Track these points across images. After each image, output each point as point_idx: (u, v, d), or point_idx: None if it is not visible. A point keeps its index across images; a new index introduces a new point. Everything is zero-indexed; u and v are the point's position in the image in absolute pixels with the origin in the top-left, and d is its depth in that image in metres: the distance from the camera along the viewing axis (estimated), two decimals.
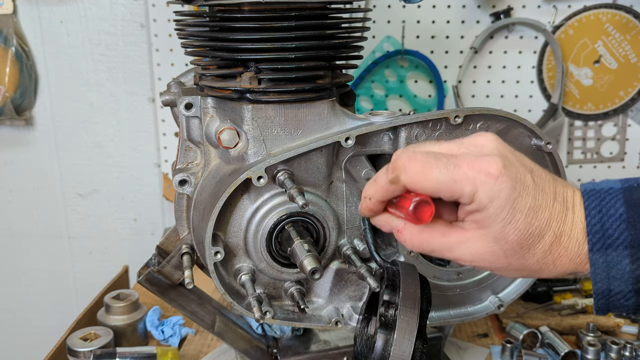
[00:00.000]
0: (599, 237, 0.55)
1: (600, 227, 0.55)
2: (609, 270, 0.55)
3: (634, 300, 0.56)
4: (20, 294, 1.82)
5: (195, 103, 0.83)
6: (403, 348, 0.68)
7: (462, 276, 0.92)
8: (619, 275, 0.55)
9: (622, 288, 0.55)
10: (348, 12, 0.85)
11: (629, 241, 0.54)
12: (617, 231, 0.54)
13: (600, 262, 0.55)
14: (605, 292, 0.56)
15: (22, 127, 1.65)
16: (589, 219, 0.55)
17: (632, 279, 0.55)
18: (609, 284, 0.56)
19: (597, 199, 0.56)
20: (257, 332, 1.01)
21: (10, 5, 1.54)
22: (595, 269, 0.56)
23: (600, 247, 0.55)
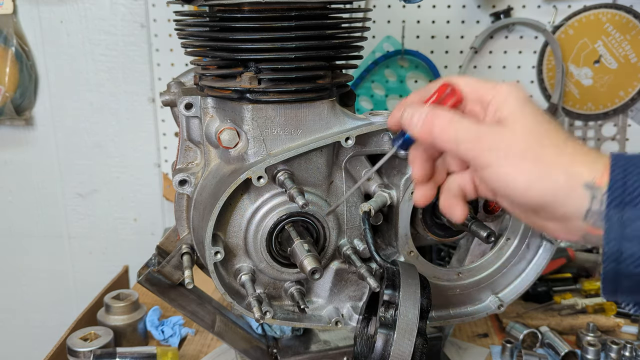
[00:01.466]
0: (619, 193, 0.53)
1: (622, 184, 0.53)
2: (624, 228, 0.53)
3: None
4: (20, 294, 1.82)
5: (195, 103, 0.83)
6: (403, 348, 0.68)
7: (462, 276, 0.92)
8: (633, 235, 0.52)
9: (634, 250, 0.53)
10: (348, 12, 0.85)
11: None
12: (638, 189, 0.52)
13: (616, 219, 0.53)
14: (616, 254, 0.53)
15: (22, 127, 1.65)
16: (612, 175, 0.53)
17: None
18: (621, 244, 0.53)
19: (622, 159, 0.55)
20: (257, 332, 1.01)
21: (10, 5, 1.54)
22: (609, 226, 0.53)
23: (618, 203, 0.53)
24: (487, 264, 0.93)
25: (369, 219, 0.80)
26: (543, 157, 0.56)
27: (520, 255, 0.92)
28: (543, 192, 0.57)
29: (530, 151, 0.57)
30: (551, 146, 0.57)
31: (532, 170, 0.57)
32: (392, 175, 0.85)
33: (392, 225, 0.86)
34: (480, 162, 0.59)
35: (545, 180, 0.56)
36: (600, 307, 1.26)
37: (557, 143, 0.57)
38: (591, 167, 0.55)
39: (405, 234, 0.85)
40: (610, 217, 0.53)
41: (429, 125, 0.61)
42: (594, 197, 0.55)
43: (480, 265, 0.93)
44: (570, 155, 0.56)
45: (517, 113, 0.59)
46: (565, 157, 0.56)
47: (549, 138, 0.57)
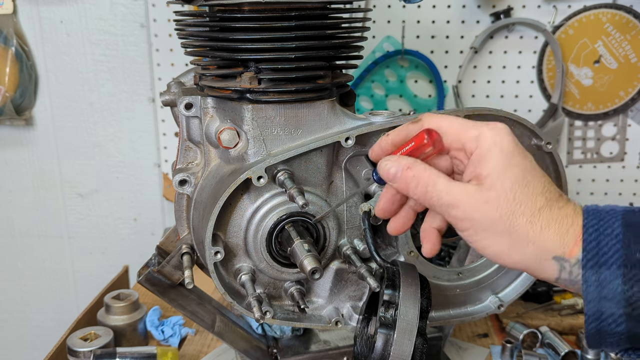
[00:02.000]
0: (593, 254, 0.54)
1: (596, 245, 0.55)
2: (601, 289, 0.54)
3: (624, 327, 0.54)
4: (20, 293, 1.82)
5: (195, 103, 0.83)
6: (403, 348, 0.68)
7: (462, 276, 0.92)
8: (611, 296, 0.54)
9: (613, 311, 0.54)
10: (348, 12, 0.85)
11: (622, 260, 0.53)
12: (611, 250, 0.54)
13: (593, 280, 0.54)
14: (597, 315, 0.55)
15: (22, 127, 1.65)
16: (586, 236, 0.55)
17: (624, 301, 0.54)
18: (600, 305, 0.55)
19: (596, 217, 0.56)
20: (257, 332, 1.01)
21: (10, 5, 1.54)
22: (587, 287, 0.55)
23: (593, 265, 0.54)
24: (487, 264, 0.93)
25: (369, 219, 0.80)
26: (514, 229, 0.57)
27: None
28: (514, 262, 0.59)
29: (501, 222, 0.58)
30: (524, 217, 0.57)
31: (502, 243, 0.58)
32: None
33: None
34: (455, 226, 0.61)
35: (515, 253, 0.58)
36: None
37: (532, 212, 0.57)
38: (562, 239, 0.56)
39: (405, 234, 0.85)
40: (587, 279, 0.55)
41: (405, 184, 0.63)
42: (562, 268, 0.57)
43: (480, 265, 0.93)
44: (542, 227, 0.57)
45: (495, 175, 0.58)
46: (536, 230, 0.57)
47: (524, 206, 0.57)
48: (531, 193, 0.58)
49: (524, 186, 0.58)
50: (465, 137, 0.61)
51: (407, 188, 0.63)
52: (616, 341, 0.56)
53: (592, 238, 0.55)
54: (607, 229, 0.55)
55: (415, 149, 0.63)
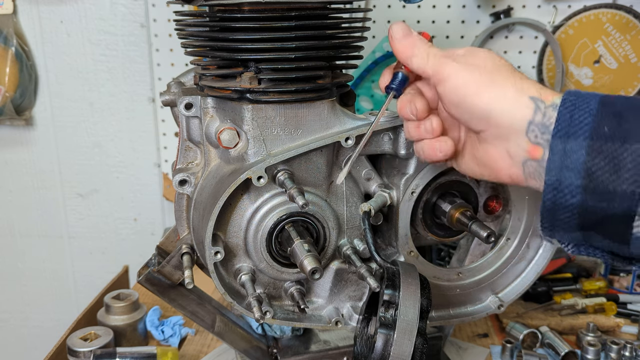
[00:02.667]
0: (564, 125, 0.56)
1: (569, 117, 0.56)
2: (565, 159, 0.56)
3: (579, 198, 0.55)
4: (20, 294, 1.82)
5: (195, 103, 0.83)
6: (403, 348, 0.68)
7: (462, 276, 0.92)
8: (572, 165, 0.55)
9: (572, 181, 0.55)
10: (348, 12, 0.85)
11: (590, 132, 0.55)
12: (582, 122, 0.55)
13: (559, 149, 0.56)
14: (555, 184, 0.56)
15: (22, 127, 1.65)
16: (561, 109, 0.57)
17: (583, 171, 0.55)
18: (561, 174, 0.56)
19: (575, 95, 0.58)
20: (257, 332, 1.01)
21: (10, 5, 1.54)
22: (552, 155, 0.56)
23: (562, 135, 0.56)
24: (487, 264, 0.93)
25: (369, 219, 0.80)
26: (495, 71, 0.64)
27: (520, 255, 0.92)
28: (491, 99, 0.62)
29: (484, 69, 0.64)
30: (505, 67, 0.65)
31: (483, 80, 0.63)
32: (392, 175, 0.85)
33: (392, 225, 0.86)
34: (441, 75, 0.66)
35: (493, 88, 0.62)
36: (600, 307, 1.26)
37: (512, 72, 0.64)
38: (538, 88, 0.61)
39: (405, 234, 0.85)
40: (553, 147, 0.56)
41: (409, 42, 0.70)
42: (537, 108, 0.59)
43: (480, 265, 0.93)
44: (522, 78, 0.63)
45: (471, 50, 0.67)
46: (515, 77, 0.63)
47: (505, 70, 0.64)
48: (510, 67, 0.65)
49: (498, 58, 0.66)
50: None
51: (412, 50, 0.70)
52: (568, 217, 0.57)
53: (567, 111, 0.57)
54: (582, 104, 0.57)
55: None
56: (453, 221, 0.82)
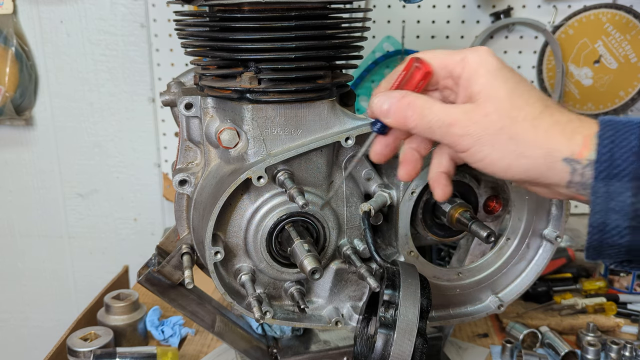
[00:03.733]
0: (606, 166, 0.53)
1: (610, 157, 0.53)
2: (609, 201, 0.53)
3: (627, 239, 0.54)
4: (20, 294, 1.82)
5: (195, 103, 0.83)
6: (403, 348, 0.68)
7: (462, 276, 0.92)
8: (619, 208, 0.53)
9: (619, 223, 0.54)
10: (348, 12, 0.85)
11: (634, 173, 0.52)
12: (625, 162, 0.53)
13: (602, 192, 0.54)
14: (601, 227, 0.54)
15: (22, 127, 1.65)
16: (600, 148, 0.54)
17: (631, 213, 0.53)
18: (607, 216, 0.54)
19: (612, 129, 0.54)
20: (257, 332, 1.01)
21: (10, 5, 1.54)
22: (595, 198, 0.54)
23: (605, 177, 0.53)
24: (487, 264, 0.93)
25: (369, 219, 0.80)
26: (518, 135, 0.56)
27: (520, 255, 0.92)
28: (523, 170, 0.57)
29: (504, 131, 0.57)
30: (526, 122, 0.56)
31: (508, 152, 0.57)
32: (392, 175, 0.85)
33: (392, 225, 0.86)
34: (457, 147, 0.60)
35: (523, 159, 0.57)
36: (600, 307, 1.26)
37: (533, 116, 0.56)
38: (570, 140, 0.55)
39: (405, 234, 0.85)
40: (596, 190, 0.54)
41: (401, 115, 0.62)
42: (574, 170, 0.55)
43: (480, 265, 0.93)
44: (547, 130, 0.56)
45: (488, 88, 0.58)
46: (541, 133, 0.56)
47: (524, 112, 0.57)
48: (527, 99, 0.57)
49: (518, 95, 0.57)
50: (451, 63, 0.61)
51: (404, 119, 0.62)
52: (615, 253, 0.56)
53: (607, 150, 0.53)
54: (622, 141, 0.53)
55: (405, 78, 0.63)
56: (453, 221, 0.82)
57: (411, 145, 0.67)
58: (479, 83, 0.59)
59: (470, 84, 0.59)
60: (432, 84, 0.64)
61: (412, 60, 0.63)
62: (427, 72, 0.63)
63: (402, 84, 0.64)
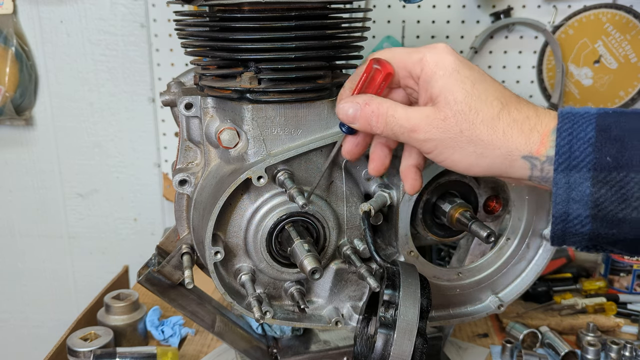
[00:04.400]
0: (565, 158, 0.56)
1: (569, 149, 0.55)
2: (570, 191, 0.56)
3: (589, 227, 0.56)
4: (20, 294, 1.82)
5: (195, 103, 0.83)
6: (403, 348, 0.68)
7: (462, 276, 0.92)
8: (579, 198, 0.55)
9: (580, 212, 0.56)
10: (348, 12, 0.85)
11: (592, 164, 0.54)
12: (583, 153, 0.55)
13: (563, 183, 0.56)
14: (564, 217, 0.57)
15: (22, 127, 1.65)
16: (559, 140, 0.56)
17: (591, 202, 0.55)
18: (568, 207, 0.56)
19: (570, 121, 0.56)
20: (257, 332, 1.01)
21: (10, 5, 1.54)
22: (557, 189, 0.56)
23: (564, 168, 0.56)
24: (487, 264, 0.93)
25: (369, 218, 0.80)
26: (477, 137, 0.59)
27: (520, 255, 0.92)
28: (485, 169, 0.60)
29: (464, 134, 0.59)
30: (484, 124, 0.58)
31: (469, 153, 0.60)
32: (392, 175, 0.85)
33: (392, 225, 0.86)
34: (421, 150, 0.63)
35: (483, 159, 0.59)
36: (600, 307, 1.26)
37: (490, 117, 0.59)
38: (527, 138, 0.58)
39: (405, 234, 0.85)
40: (557, 182, 0.56)
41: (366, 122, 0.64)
42: (533, 166, 0.58)
43: (480, 265, 0.93)
44: (504, 130, 0.58)
45: (446, 91, 0.60)
46: (499, 133, 0.58)
47: (482, 114, 0.59)
48: (485, 100, 0.59)
49: (476, 96, 0.59)
50: (409, 62, 0.63)
51: (369, 125, 0.64)
52: (579, 240, 0.58)
53: (565, 142, 0.56)
54: (580, 133, 0.55)
55: (366, 80, 0.65)
56: (453, 221, 0.82)
57: (380, 141, 0.70)
58: (437, 86, 0.60)
59: (429, 86, 0.61)
60: (394, 83, 0.66)
61: (371, 62, 0.64)
62: (387, 73, 0.64)
63: (364, 87, 0.65)
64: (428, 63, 0.61)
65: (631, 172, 0.54)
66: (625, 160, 0.54)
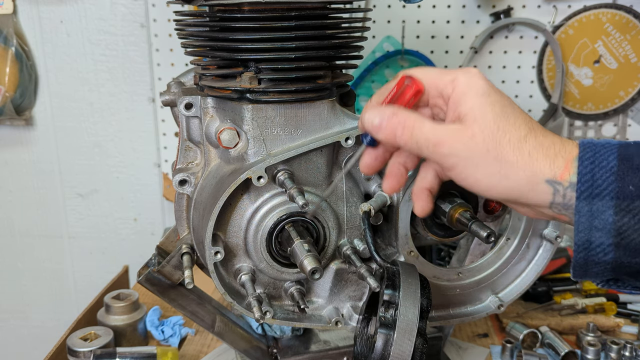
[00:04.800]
0: (587, 186, 0.56)
1: (591, 177, 0.56)
2: (592, 220, 0.56)
3: (612, 256, 0.56)
4: (20, 294, 1.82)
5: (195, 103, 0.83)
6: (403, 348, 0.68)
7: (462, 276, 0.92)
8: (601, 226, 0.55)
9: (603, 240, 0.56)
10: (348, 12, 0.85)
11: (615, 192, 0.55)
12: (605, 182, 0.55)
13: (585, 211, 0.56)
14: (586, 245, 0.56)
15: (22, 127, 1.65)
16: (581, 169, 0.56)
17: (614, 231, 0.55)
18: (590, 235, 0.56)
19: (592, 150, 0.57)
20: (257, 332, 1.01)
21: (10, 5, 1.54)
22: (579, 217, 0.56)
23: (587, 196, 0.56)
24: (487, 264, 0.93)
25: (369, 218, 0.80)
26: (503, 157, 0.59)
27: (520, 255, 0.92)
28: (506, 191, 0.60)
29: (490, 153, 0.59)
30: (510, 144, 0.59)
31: (493, 172, 0.59)
32: None
33: (392, 225, 0.86)
34: (444, 165, 0.62)
35: (506, 180, 0.59)
36: (600, 307, 1.26)
37: (517, 139, 0.59)
38: (552, 163, 0.58)
39: (405, 234, 0.85)
40: (580, 210, 0.56)
41: (392, 132, 0.63)
42: (556, 191, 0.58)
43: (480, 265, 0.93)
44: (530, 152, 0.58)
45: (476, 110, 0.60)
46: (524, 156, 0.58)
47: (509, 135, 0.59)
48: (513, 123, 0.59)
49: (505, 118, 0.59)
50: (441, 82, 0.63)
51: (393, 135, 0.63)
52: (601, 271, 0.58)
53: (587, 170, 0.56)
54: (602, 162, 0.56)
55: (396, 94, 0.65)
56: (453, 221, 0.82)
57: (399, 160, 0.69)
58: (467, 105, 0.60)
59: (459, 105, 0.61)
60: (423, 102, 0.66)
61: (404, 78, 0.65)
62: (418, 90, 0.64)
63: (393, 100, 0.65)
64: (460, 84, 0.61)
65: None
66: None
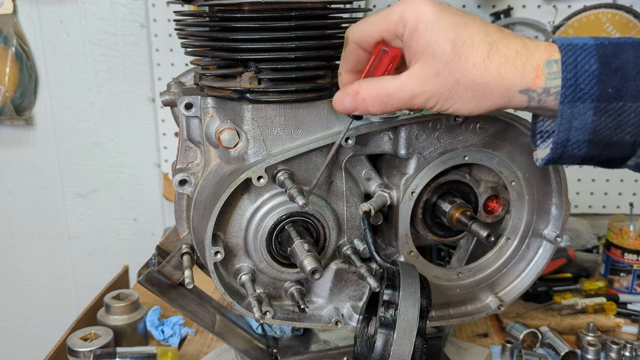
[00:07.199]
0: (571, 91, 0.59)
1: (574, 82, 0.59)
2: (573, 120, 0.60)
3: (585, 151, 0.61)
4: (20, 293, 1.82)
5: (195, 103, 0.83)
6: (403, 348, 0.68)
7: (462, 276, 0.92)
8: (580, 126, 0.60)
9: (579, 138, 0.60)
10: (348, 12, 0.85)
11: (596, 95, 0.58)
12: (588, 86, 0.58)
13: (567, 113, 0.59)
14: (564, 142, 0.61)
15: (22, 127, 1.65)
16: (565, 74, 0.59)
17: (591, 129, 0.59)
18: (569, 133, 0.60)
19: (573, 54, 0.59)
20: (257, 332, 1.02)
21: (10, 5, 1.54)
22: (561, 120, 0.60)
23: (570, 100, 0.59)
24: (487, 264, 0.93)
25: (369, 218, 0.80)
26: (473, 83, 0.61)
27: (520, 255, 0.92)
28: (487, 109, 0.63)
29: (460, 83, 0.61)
30: (476, 68, 0.60)
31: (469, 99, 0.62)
32: (392, 175, 0.85)
33: (392, 225, 0.86)
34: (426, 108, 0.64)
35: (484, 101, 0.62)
36: (600, 307, 1.26)
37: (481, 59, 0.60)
38: (522, 73, 0.60)
39: (405, 234, 0.85)
40: (562, 112, 0.60)
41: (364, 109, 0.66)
42: (530, 99, 0.61)
43: (480, 265, 0.93)
44: (498, 70, 0.60)
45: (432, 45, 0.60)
46: (493, 75, 0.60)
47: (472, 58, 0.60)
48: (472, 44, 0.60)
49: (462, 42, 0.60)
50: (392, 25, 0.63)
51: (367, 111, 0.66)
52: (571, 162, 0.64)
53: (571, 75, 0.59)
54: (584, 66, 0.59)
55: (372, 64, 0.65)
56: (453, 221, 0.82)
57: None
58: (421, 41, 0.61)
59: (413, 43, 0.62)
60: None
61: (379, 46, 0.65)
62: (395, 55, 0.64)
63: (371, 71, 0.65)
64: (408, 20, 0.61)
65: (628, 101, 0.58)
66: (625, 90, 0.58)
